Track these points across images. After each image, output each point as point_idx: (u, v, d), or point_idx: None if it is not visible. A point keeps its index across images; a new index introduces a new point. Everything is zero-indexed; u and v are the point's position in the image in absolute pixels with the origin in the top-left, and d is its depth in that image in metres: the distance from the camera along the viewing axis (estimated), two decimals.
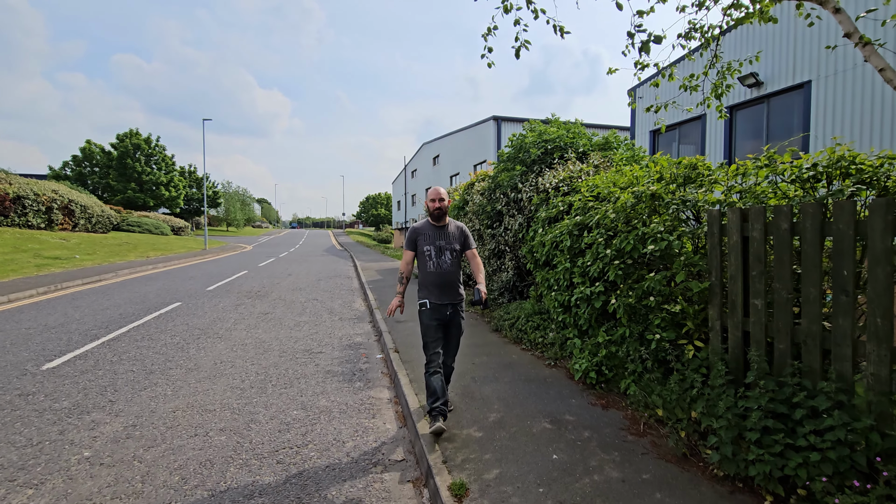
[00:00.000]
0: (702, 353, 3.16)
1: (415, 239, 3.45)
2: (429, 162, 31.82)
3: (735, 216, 2.86)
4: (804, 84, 9.06)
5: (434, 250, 3.36)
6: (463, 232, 3.52)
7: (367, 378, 4.64)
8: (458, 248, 3.45)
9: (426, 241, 3.39)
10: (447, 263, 3.37)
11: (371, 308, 8.31)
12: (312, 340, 6.10)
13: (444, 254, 3.36)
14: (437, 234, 3.40)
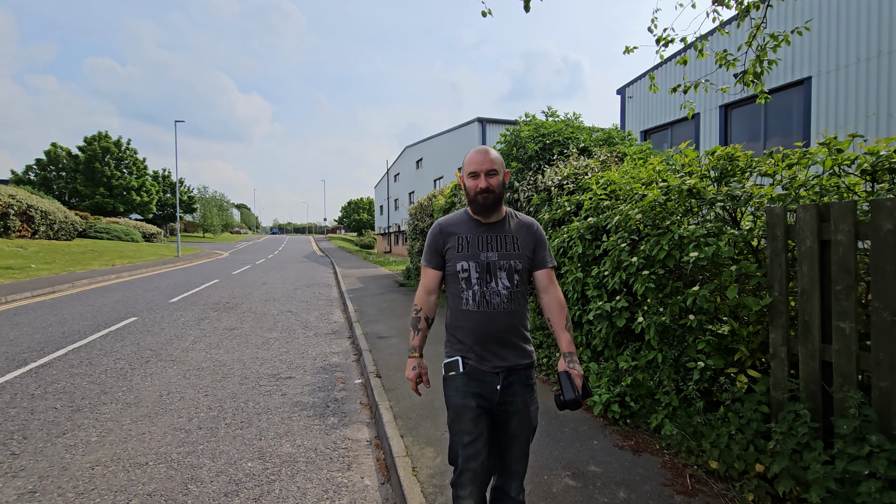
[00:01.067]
0: (759, 386, 2.52)
1: (442, 245, 1.86)
2: (412, 165, 31.12)
3: (809, 215, 2.24)
4: (804, 80, 8.67)
5: (478, 268, 1.77)
6: (534, 233, 1.87)
7: (342, 411, 3.90)
8: (526, 264, 1.81)
9: (463, 251, 1.79)
10: (503, 294, 1.75)
11: (350, 321, 7.55)
12: (281, 362, 5.31)
13: (497, 275, 1.76)
14: (486, 236, 1.80)
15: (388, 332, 6.59)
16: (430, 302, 1.95)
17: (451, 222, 1.89)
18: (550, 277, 1.85)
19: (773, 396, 2.43)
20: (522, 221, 1.89)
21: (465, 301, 1.78)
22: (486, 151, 1.77)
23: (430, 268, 1.92)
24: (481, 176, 1.75)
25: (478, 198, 1.76)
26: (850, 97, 7.86)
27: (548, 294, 1.83)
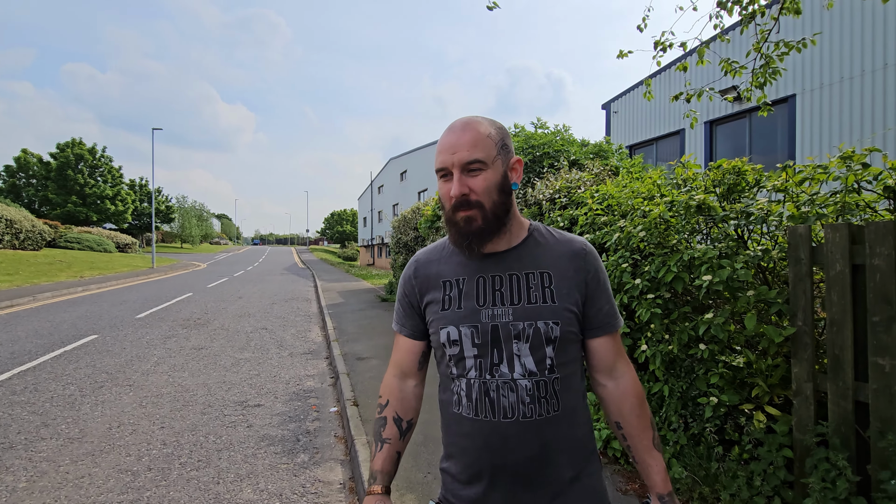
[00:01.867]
0: (780, 426, 2.26)
1: (418, 296, 1.12)
2: (396, 177, 30.88)
3: (840, 236, 2.00)
4: (788, 98, 8.69)
5: (476, 339, 1.00)
6: (585, 266, 1.05)
7: (314, 446, 3.51)
8: (569, 324, 1.00)
9: (451, 307, 1.04)
10: (522, 387, 0.97)
11: (329, 339, 7.15)
12: (251, 387, 4.89)
13: (511, 350, 0.98)
14: (490, 278, 1.03)
15: (367, 352, 6.21)
16: (404, 392, 1.14)
17: (433, 257, 1.12)
18: (618, 349, 1.06)
19: (797, 439, 2.16)
20: (561, 243, 1.06)
21: (455, 399, 1.03)
22: (466, 126, 0.98)
23: (402, 335, 1.16)
24: (455, 173, 0.96)
25: (456, 217, 0.98)
26: (834, 115, 7.87)
27: (615, 381, 1.05)
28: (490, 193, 0.98)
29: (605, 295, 1.06)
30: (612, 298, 1.08)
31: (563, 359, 1.00)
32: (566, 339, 1.00)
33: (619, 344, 1.08)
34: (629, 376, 1.07)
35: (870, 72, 7.23)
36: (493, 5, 2.68)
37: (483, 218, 0.98)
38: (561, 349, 1.00)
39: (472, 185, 0.97)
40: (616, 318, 1.07)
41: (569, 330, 1.00)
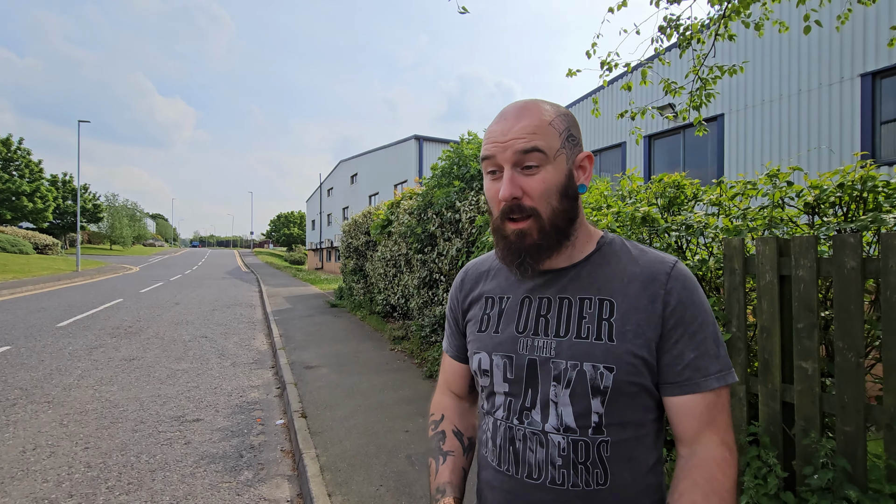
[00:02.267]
0: None
1: (461, 311, 0.98)
2: (346, 180, 30.36)
3: (769, 248, 2.16)
4: (717, 117, 9.36)
5: (509, 372, 0.83)
6: (663, 295, 0.77)
7: (259, 462, 3.34)
8: (629, 373, 0.75)
9: (487, 329, 0.89)
10: (555, 445, 0.77)
11: (275, 347, 6.87)
12: (189, 400, 4.60)
13: (546, 394, 0.79)
14: (538, 300, 0.84)
15: (317, 360, 6.02)
16: (461, 408, 1.02)
17: (483, 268, 0.97)
18: (706, 416, 0.75)
19: None
20: (639, 263, 0.82)
21: (483, 439, 0.89)
22: (523, 109, 0.78)
23: (448, 356, 1.04)
24: (506, 169, 0.76)
25: (505, 229, 0.80)
26: (757, 133, 8.56)
27: (691, 452, 0.76)
28: (549, 198, 0.77)
29: (692, 339, 0.75)
30: (709, 345, 0.76)
31: (617, 417, 0.76)
32: (623, 392, 0.75)
33: (710, 409, 0.75)
34: (713, 451, 0.74)
35: (786, 96, 7.93)
36: (464, 10, 2.69)
37: (539, 230, 0.78)
38: (614, 404, 0.75)
39: (526, 186, 0.76)
40: (705, 372, 0.75)
41: (629, 381, 0.75)
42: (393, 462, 3.16)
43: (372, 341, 7.21)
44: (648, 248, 0.86)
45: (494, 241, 0.85)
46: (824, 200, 2.46)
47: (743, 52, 8.64)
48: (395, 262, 7.62)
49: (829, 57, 7.16)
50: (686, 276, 0.80)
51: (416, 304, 6.54)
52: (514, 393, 0.82)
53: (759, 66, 8.35)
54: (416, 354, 6.08)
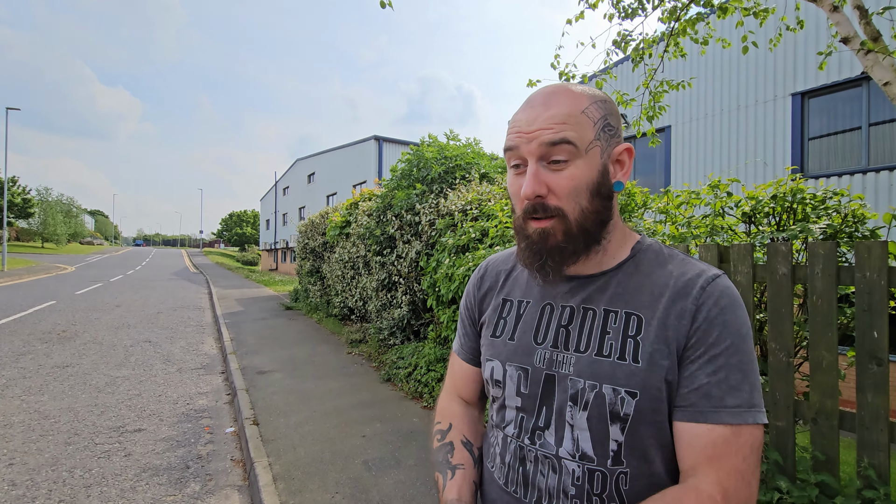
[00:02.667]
0: None
1: (477, 309, 0.91)
2: (303, 179, 29.64)
3: (710, 255, 2.29)
4: (665, 128, 9.85)
5: (522, 385, 0.77)
6: (696, 312, 0.67)
7: (207, 473, 3.20)
8: (651, 399, 0.66)
9: (503, 335, 0.82)
10: (569, 473, 0.70)
11: (225, 352, 6.60)
12: (130, 409, 4.34)
13: (562, 415, 0.72)
14: (559, 309, 0.77)
15: (270, 365, 5.83)
16: (470, 415, 0.93)
17: (504, 266, 0.90)
18: (711, 451, 0.64)
19: None
20: (673, 274, 0.72)
21: (491, 453, 0.83)
22: (552, 95, 0.70)
23: (458, 357, 0.96)
24: (530, 162, 0.70)
25: (527, 228, 0.74)
26: (701, 145, 9.07)
27: (684, 480, 0.67)
28: (578, 197, 0.69)
29: (711, 362, 0.65)
30: (732, 373, 0.65)
31: (639, 448, 0.67)
32: (647, 420, 0.67)
33: (716, 446, 0.64)
34: (703, 486, 0.63)
35: (727, 111, 8.46)
36: (388, 3, 2.70)
37: (565, 232, 0.70)
38: (636, 433, 0.67)
39: (553, 183, 0.68)
40: (717, 402, 0.64)
41: (654, 408, 0.66)
42: (349, 468, 3.11)
43: (328, 345, 7.07)
44: (690, 258, 0.75)
45: (516, 240, 0.78)
46: (760, 210, 2.64)
47: (689, 69, 9.13)
48: (354, 263, 7.51)
49: (763, 76, 7.70)
50: (724, 291, 0.68)
51: (375, 307, 6.47)
52: (526, 409, 0.75)
53: (703, 81, 8.85)
54: (373, 358, 6.01)
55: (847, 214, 2.46)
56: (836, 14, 2.29)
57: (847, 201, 2.55)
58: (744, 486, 0.63)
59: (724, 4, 3.14)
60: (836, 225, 2.39)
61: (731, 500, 0.62)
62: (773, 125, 7.59)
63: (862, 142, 6.39)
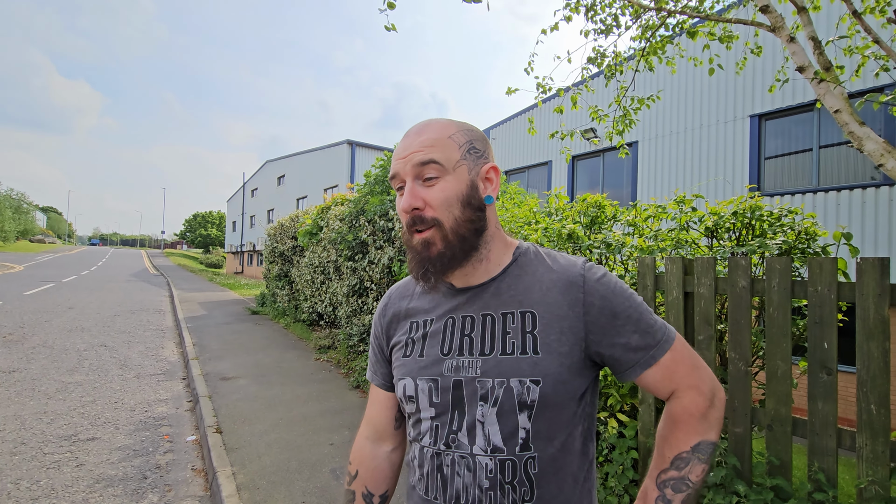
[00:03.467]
0: (628, 431, 2.59)
1: (386, 338, 0.95)
2: (273, 181, 29.05)
3: (676, 267, 2.39)
4: (633, 143, 10.20)
5: (434, 396, 0.82)
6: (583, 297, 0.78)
7: (166, 483, 3.07)
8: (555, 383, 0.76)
9: (412, 353, 0.87)
10: (483, 468, 0.77)
11: (187, 357, 6.37)
12: (83, 417, 4.13)
13: (474, 416, 0.78)
14: (461, 319, 0.84)
15: (234, 370, 5.67)
16: (377, 458, 0.96)
17: (407, 291, 0.95)
18: (671, 375, 0.79)
19: (641, 441, 2.50)
20: (555, 270, 0.82)
21: (413, 469, 0.87)
22: (424, 127, 0.81)
23: (375, 385, 0.99)
24: (407, 181, 0.79)
25: (412, 240, 0.81)
26: (667, 161, 9.43)
27: (667, 409, 0.82)
28: (451, 207, 0.78)
29: (629, 324, 0.78)
30: (646, 321, 0.79)
31: (545, 431, 0.76)
32: (550, 403, 0.76)
33: (675, 367, 0.79)
34: (687, 397, 0.79)
35: (691, 129, 8.83)
36: (392, 27, 2.69)
37: (443, 239, 0.78)
38: (542, 418, 0.76)
39: (427, 196, 0.78)
40: (657, 344, 0.79)
41: (556, 391, 0.76)
42: (316, 477, 3.05)
43: (296, 350, 6.93)
44: (559, 253, 0.87)
45: (408, 256, 0.84)
46: (721, 226, 2.77)
47: (658, 87, 9.51)
48: (324, 268, 7.41)
49: (725, 98, 8.09)
50: (598, 274, 0.81)
51: (345, 313, 6.39)
52: (440, 417, 0.81)
53: (669, 101, 9.22)
54: (342, 364, 5.93)
55: (800, 232, 2.61)
56: (792, 44, 2.45)
57: (800, 219, 2.71)
58: (699, 369, 0.81)
59: (692, 29, 3.30)
60: (790, 241, 2.53)
61: (702, 385, 0.80)
62: (733, 144, 7.97)
63: (813, 163, 6.79)
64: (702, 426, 0.78)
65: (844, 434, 1.83)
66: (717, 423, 0.80)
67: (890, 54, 2.40)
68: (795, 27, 3.42)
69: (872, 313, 1.75)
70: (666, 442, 0.81)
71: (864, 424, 1.76)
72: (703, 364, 0.82)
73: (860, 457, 1.77)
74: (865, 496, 1.74)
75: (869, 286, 1.76)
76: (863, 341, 1.77)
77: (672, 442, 0.80)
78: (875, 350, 1.74)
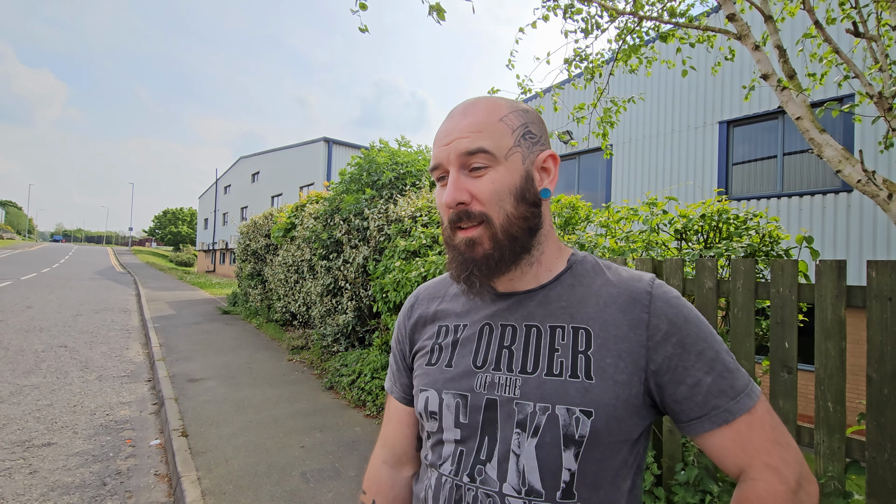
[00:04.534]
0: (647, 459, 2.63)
1: (410, 342, 0.84)
2: (246, 178, 28.45)
3: (645, 268, 2.42)
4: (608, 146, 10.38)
5: (462, 415, 0.69)
6: (647, 319, 0.65)
7: (127, 489, 2.96)
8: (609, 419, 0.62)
9: (438, 362, 0.75)
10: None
11: (153, 358, 6.16)
12: (38, 421, 3.94)
13: (507, 444, 0.64)
14: (499, 329, 0.72)
15: (203, 372, 5.51)
16: (396, 486, 0.83)
17: (437, 293, 0.84)
18: (750, 442, 0.63)
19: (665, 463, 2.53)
20: (616, 284, 0.71)
21: (422, 497, 0.74)
22: (471, 106, 0.70)
23: (393, 397, 0.86)
24: (451, 171, 0.68)
25: (454, 239, 0.70)
26: (640, 164, 9.63)
27: (741, 486, 0.64)
28: (502, 201, 0.67)
29: (701, 362, 0.64)
30: (725, 363, 0.64)
31: (591, 477, 0.62)
32: (601, 443, 0.62)
33: (751, 435, 0.63)
34: (762, 482, 0.62)
35: (663, 134, 9.04)
36: (364, 29, 2.64)
37: (492, 239, 0.67)
38: (590, 459, 0.62)
39: (474, 189, 0.67)
40: (736, 396, 0.63)
41: (610, 428, 0.62)
42: (286, 481, 2.99)
43: (268, 351, 6.78)
44: (622, 267, 0.75)
45: (448, 256, 0.73)
46: (690, 228, 2.83)
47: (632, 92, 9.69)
48: (298, 267, 7.28)
49: (696, 104, 8.31)
50: (669, 291, 0.69)
51: (319, 313, 6.29)
52: (466, 441, 0.67)
53: (643, 105, 9.41)
54: (316, 365, 5.84)
55: (765, 235, 2.69)
56: (757, 52, 2.53)
57: (765, 223, 2.79)
58: (784, 448, 0.63)
59: (663, 33, 3.37)
60: (755, 244, 2.61)
61: (785, 470, 0.62)
62: (703, 149, 8.19)
63: (777, 169, 7.04)
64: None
65: (803, 431, 1.89)
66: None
67: (849, 64, 2.50)
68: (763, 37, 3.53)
69: (830, 314, 1.82)
70: None
71: (822, 421, 1.82)
72: (790, 441, 0.64)
73: (818, 453, 1.83)
74: (825, 491, 1.80)
75: (827, 287, 1.83)
76: (821, 341, 1.83)
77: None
78: (832, 349, 1.80)
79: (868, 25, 2.88)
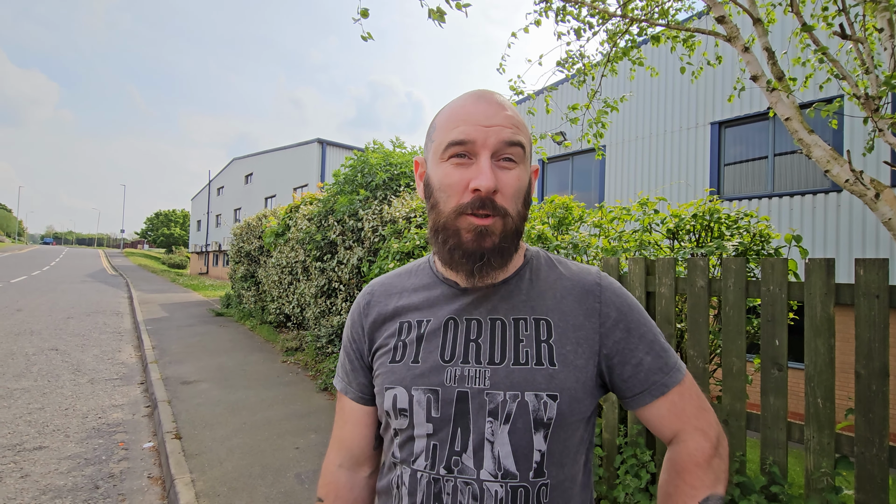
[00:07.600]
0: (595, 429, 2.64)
1: (367, 341, 0.80)
2: (240, 180, 28.32)
3: (638, 267, 2.44)
4: (601, 147, 10.44)
5: (434, 409, 0.69)
6: (601, 307, 0.73)
7: (119, 492, 2.93)
8: (571, 400, 0.67)
9: (405, 359, 0.73)
10: (491, 495, 0.65)
11: (145, 360, 6.12)
12: (29, 425, 3.90)
13: (481, 434, 0.67)
14: (468, 323, 0.73)
15: (196, 374, 5.48)
16: (354, 488, 0.82)
17: (394, 288, 0.82)
18: (681, 411, 0.72)
19: (606, 439, 2.55)
20: (568, 277, 0.76)
21: (395, 495, 0.73)
22: (498, 99, 0.71)
23: (347, 398, 0.83)
24: (483, 156, 0.66)
25: (458, 224, 0.68)
26: (632, 165, 9.69)
27: (671, 449, 0.74)
28: (517, 199, 0.69)
29: (643, 344, 0.72)
30: (661, 344, 0.73)
31: (557, 455, 0.68)
32: (565, 423, 0.67)
33: (683, 403, 0.72)
34: (692, 441, 0.71)
35: (656, 135, 9.10)
36: (368, 36, 2.64)
37: (502, 232, 0.68)
38: (556, 439, 0.67)
39: (502, 181, 0.67)
40: (669, 371, 0.72)
41: (572, 409, 0.67)
42: (280, 482, 2.98)
43: (262, 353, 6.76)
44: (569, 260, 0.80)
45: (437, 240, 0.71)
46: (682, 228, 2.86)
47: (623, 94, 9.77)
48: (292, 269, 7.25)
49: (688, 105, 8.38)
50: (615, 285, 0.76)
51: (313, 314, 6.28)
52: (438, 434, 0.68)
53: (635, 107, 9.49)
54: (310, 366, 5.82)
55: (755, 234, 2.72)
56: (746, 54, 2.56)
57: (756, 222, 2.82)
58: (707, 412, 0.74)
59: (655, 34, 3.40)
60: (746, 243, 2.64)
61: (709, 430, 0.72)
62: (695, 150, 8.26)
63: (768, 170, 7.11)
64: (708, 477, 0.69)
65: (794, 427, 1.91)
66: (723, 476, 0.70)
67: (835, 65, 2.54)
68: (752, 39, 3.57)
69: (819, 311, 1.84)
70: (671, 500, 0.70)
71: (812, 417, 1.85)
72: (709, 406, 0.75)
73: (808, 448, 1.86)
74: (818, 487, 1.82)
75: (816, 286, 1.85)
76: (810, 338, 1.86)
77: (678, 499, 0.69)
78: (821, 346, 1.83)
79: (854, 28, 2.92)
